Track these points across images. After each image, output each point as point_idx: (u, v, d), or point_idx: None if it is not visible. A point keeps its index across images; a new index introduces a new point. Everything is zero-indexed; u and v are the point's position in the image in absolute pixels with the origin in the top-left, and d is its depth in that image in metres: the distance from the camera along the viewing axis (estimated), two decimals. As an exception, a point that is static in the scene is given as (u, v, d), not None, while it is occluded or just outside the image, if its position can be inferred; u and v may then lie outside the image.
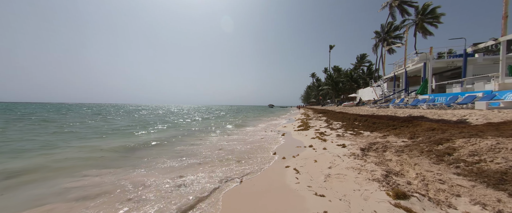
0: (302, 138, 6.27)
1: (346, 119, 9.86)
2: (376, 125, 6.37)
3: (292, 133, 7.66)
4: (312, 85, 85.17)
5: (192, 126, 11.60)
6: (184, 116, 21.66)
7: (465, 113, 6.86)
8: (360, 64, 51.07)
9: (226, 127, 11.33)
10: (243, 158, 4.08)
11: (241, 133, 8.54)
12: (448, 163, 2.50)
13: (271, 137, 7.01)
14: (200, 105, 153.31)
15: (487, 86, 9.72)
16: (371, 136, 5.25)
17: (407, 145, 3.64)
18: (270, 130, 9.15)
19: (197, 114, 27.00)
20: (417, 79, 20.15)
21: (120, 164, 3.70)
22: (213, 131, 9.37)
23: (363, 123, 7.43)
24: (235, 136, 7.43)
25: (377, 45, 37.17)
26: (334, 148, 4.32)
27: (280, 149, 4.76)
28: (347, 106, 28.04)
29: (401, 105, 13.34)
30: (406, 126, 5.41)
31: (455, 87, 12.34)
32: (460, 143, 3.07)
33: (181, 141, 6.32)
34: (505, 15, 8.91)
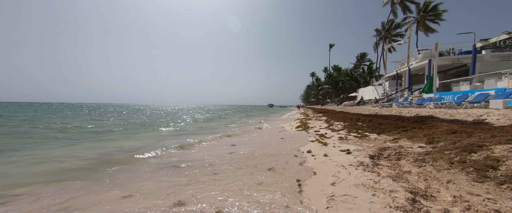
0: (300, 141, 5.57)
1: (348, 119, 9.17)
2: (383, 126, 5.68)
3: (292, 133, 6.96)
4: (312, 85, 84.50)
5: (175, 132, 10.90)
6: (175, 116, 20.94)
7: (481, 113, 6.17)
8: (360, 63, 50.40)
9: (216, 131, 10.64)
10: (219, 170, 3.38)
11: (233, 137, 7.85)
12: (498, 183, 1.80)
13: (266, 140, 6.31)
14: (199, 105, 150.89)
15: (500, 84, 9.03)
16: (379, 139, 4.56)
17: (428, 153, 2.95)
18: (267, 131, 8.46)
19: (188, 116, 26.24)
20: (420, 77, 19.48)
21: (82, 184, 2.91)
22: (196, 133, 8.67)
23: (367, 124, 6.74)
24: (226, 140, 6.74)
25: (378, 43, 36.49)
26: (337, 155, 3.63)
27: (274, 155, 4.07)
28: (347, 106, 27.36)
29: (405, 104, 12.65)
30: (418, 127, 4.72)
31: (463, 85, 11.66)
32: (501, 151, 2.38)
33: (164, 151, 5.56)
34: (520, 6, 8.24)
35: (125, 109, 37.99)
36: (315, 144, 4.88)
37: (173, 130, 9.36)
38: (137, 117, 17.03)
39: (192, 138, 6.96)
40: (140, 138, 6.89)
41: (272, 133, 7.62)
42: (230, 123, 13.39)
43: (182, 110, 43.07)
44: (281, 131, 8.11)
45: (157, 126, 10.62)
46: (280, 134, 7.08)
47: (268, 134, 7.44)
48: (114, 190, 2.49)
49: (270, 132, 8.22)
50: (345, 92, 47.59)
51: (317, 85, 66.18)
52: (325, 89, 52.02)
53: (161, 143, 6.08)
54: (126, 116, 18.23)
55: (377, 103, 19.44)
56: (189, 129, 9.83)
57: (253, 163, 3.53)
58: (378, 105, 16.19)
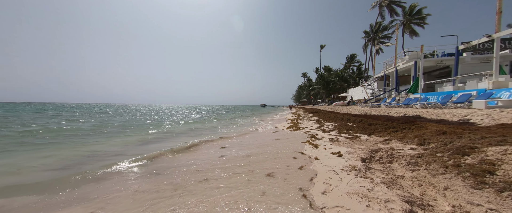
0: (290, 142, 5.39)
1: (339, 119, 9.15)
2: (373, 127, 5.63)
3: (284, 133, 6.77)
4: (304, 85, 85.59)
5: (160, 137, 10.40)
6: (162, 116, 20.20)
7: (466, 113, 6.33)
8: (350, 64, 51.68)
9: (207, 132, 10.27)
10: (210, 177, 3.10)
11: (225, 139, 7.55)
12: (498, 190, 1.68)
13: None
14: (190, 105, 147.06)
15: (481, 85, 9.42)
16: (370, 140, 4.47)
17: (421, 155, 2.85)
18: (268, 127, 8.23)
19: (180, 116, 25.46)
20: (407, 78, 20.16)
21: (35, 198, 2.44)
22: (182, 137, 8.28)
23: (358, 124, 6.70)
24: (218, 142, 6.43)
25: (367, 45, 37.55)
26: (328, 158, 3.46)
27: (263, 159, 3.84)
28: (338, 106, 27.82)
29: (393, 104, 12.95)
30: (408, 128, 4.69)
31: (447, 86, 12.11)
32: (495, 153, 2.30)
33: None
34: (499, 11, 8.61)
35: (118, 109, 36.22)
36: (305, 145, 4.72)
37: (160, 132, 8.88)
38: (124, 118, 16.18)
39: (179, 141, 6.58)
40: (118, 142, 6.32)
41: (267, 134, 7.42)
42: (223, 124, 13.03)
43: (177, 110, 41.81)
44: (275, 131, 7.93)
45: (143, 128, 10.06)
46: (274, 135, 6.89)
47: (262, 135, 7.22)
48: (74, 206, 2.14)
49: (264, 132, 8.01)
50: (335, 92, 48.56)
51: (309, 86, 67.06)
52: (316, 89, 52.79)
53: (143, 147, 5.66)
54: (113, 117, 17.27)
55: (366, 103, 19.87)
56: (177, 131, 9.38)
57: (249, 168, 3.27)
58: (367, 105, 16.52)
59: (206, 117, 20.60)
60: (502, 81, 8.70)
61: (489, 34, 9.07)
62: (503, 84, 8.63)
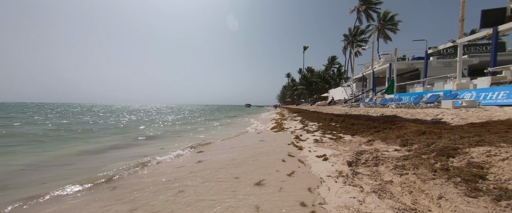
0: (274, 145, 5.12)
1: (322, 119, 9.20)
2: (355, 127, 5.63)
3: (266, 134, 6.49)
4: (288, 85, 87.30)
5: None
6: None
7: (437, 112, 6.71)
8: (331, 65, 53.89)
9: (188, 134, 9.59)
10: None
11: (205, 139, 7.02)
12: (494, 198, 1.54)
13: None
14: (173, 105, 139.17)
15: (446, 86, 10.26)
16: (354, 141, 4.39)
17: (406, 157, 2.75)
18: (250, 130, 7.85)
19: (161, 116, 23.88)
20: (382, 79, 21.49)
21: None
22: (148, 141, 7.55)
23: (340, 124, 6.71)
24: (196, 145, 5.88)
25: (346, 48, 39.45)
26: (314, 162, 3.23)
27: (244, 165, 3.48)
28: (320, 106, 28.68)
29: (371, 104, 13.55)
30: (389, 128, 4.73)
31: (417, 87, 13.06)
32: (479, 155, 2.24)
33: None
34: (462, 18, 9.45)
35: (92, 109, 32.52)
36: (290, 147, 4.47)
37: (132, 135, 7.98)
38: (97, 120, 14.46)
39: (152, 145, 5.90)
40: (70, 152, 5.21)
41: (251, 135, 7.06)
42: (206, 125, 12.35)
43: (160, 110, 39.09)
44: (259, 132, 7.61)
45: (110, 132, 8.98)
46: (259, 136, 6.56)
47: (247, 137, 6.84)
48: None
49: (248, 134, 7.65)
50: (317, 92, 50.24)
51: (293, 86, 68.51)
52: (299, 89, 54.06)
53: (105, 155, 4.90)
54: (83, 119, 15.35)
55: (346, 103, 20.71)
56: (152, 134, 8.54)
57: (233, 174, 2.88)
58: (348, 105, 17.17)
59: (188, 117, 19.55)
60: (464, 83, 9.55)
61: (453, 40, 9.92)
62: (465, 85, 9.48)
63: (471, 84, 9.47)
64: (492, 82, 7.91)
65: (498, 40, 8.21)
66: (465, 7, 9.29)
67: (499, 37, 7.93)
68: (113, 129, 9.87)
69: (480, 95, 8.07)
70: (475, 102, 7.25)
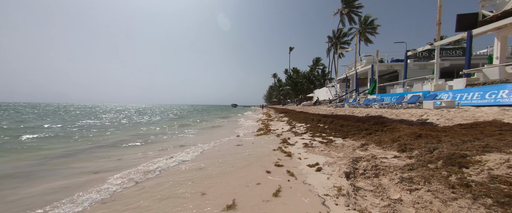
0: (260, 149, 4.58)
1: (309, 120, 8.91)
2: (345, 129, 5.33)
3: (249, 140, 5.92)
4: (274, 85, 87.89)
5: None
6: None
7: (421, 113, 6.75)
8: (315, 66, 55.24)
9: (158, 139, 8.65)
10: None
11: (171, 144, 6.22)
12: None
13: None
14: (156, 104, 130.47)
15: (425, 87, 10.67)
16: (346, 145, 4.02)
17: (411, 167, 2.38)
18: (231, 133, 7.18)
19: (135, 117, 22.04)
20: (364, 80, 22.26)
21: None
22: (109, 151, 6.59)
23: (329, 126, 6.41)
24: (162, 150, 5.09)
25: (330, 49, 40.59)
26: (306, 174, 2.75)
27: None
28: (306, 106, 28.99)
29: (355, 105, 13.75)
30: (381, 130, 4.47)
31: (398, 88, 13.55)
32: (498, 166, 1.92)
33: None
34: (439, 22, 9.86)
35: (68, 109, 28.65)
36: (278, 154, 3.97)
37: (91, 140, 6.84)
38: (55, 121, 12.56)
39: (107, 153, 4.96)
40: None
41: (231, 140, 6.42)
42: (181, 128, 11.38)
43: (140, 110, 36.05)
44: (244, 135, 7.00)
45: (75, 136, 7.69)
46: (239, 140, 5.94)
47: (227, 141, 6.18)
48: None
49: (229, 137, 6.99)
50: (303, 92, 51.12)
51: (279, 86, 68.99)
52: (285, 90, 54.55)
53: (45, 166, 3.92)
54: (38, 120, 13.25)
55: (331, 103, 21.05)
56: (112, 139, 7.46)
57: (200, 188, 2.25)
58: (333, 105, 17.36)
59: (166, 118, 18.20)
60: (441, 84, 9.98)
61: (431, 43, 10.34)
62: (442, 87, 9.90)
63: (447, 85, 9.94)
64: (467, 83, 8.28)
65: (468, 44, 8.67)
66: (441, 12, 9.70)
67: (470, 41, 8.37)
68: (74, 131, 8.51)
69: (456, 96, 8.41)
70: (454, 103, 7.48)
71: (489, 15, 8.28)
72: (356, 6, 32.96)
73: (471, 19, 8.66)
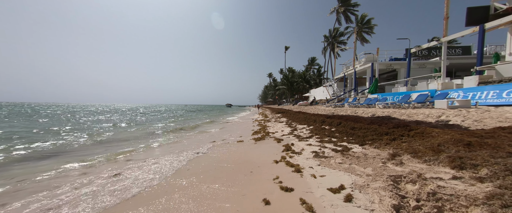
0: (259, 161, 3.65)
1: (311, 121, 8.07)
2: (359, 132, 4.49)
3: (245, 147, 4.97)
4: (269, 85, 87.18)
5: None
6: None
7: (437, 113, 6.03)
8: (311, 66, 54.92)
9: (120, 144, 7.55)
10: None
11: (172, 148, 5.19)
12: None
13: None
14: (153, 104, 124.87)
15: (431, 86, 10.08)
16: (370, 155, 3.16)
17: (504, 204, 1.52)
18: (214, 140, 6.18)
19: (120, 118, 20.55)
20: (363, 80, 21.77)
21: None
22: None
23: (337, 128, 5.56)
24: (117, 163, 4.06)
25: (326, 49, 40.20)
26: (331, 206, 1.85)
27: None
28: (302, 105, 28.31)
29: (357, 104, 13.07)
30: (406, 134, 3.65)
31: (400, 87, 12.98)
32: None
33: None
34: (447, 16, 9.28)
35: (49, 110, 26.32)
36: (281, 168, 3.06)
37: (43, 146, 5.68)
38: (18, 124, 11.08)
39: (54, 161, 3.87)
40: None
41: (221, 147, 5.43)
42: (162, 132, 10.26)
43: (128, 110, 34.01)
44: (239, 140, 6.01)
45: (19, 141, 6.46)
46: (230, 148, 4.98)
47: (216, 148, 5.20)
48: None
49: (218, 143, 6.00)
50: (299, 92, 50.64)
51: (274, 86, 68.33)
52: (281, 89, 53.92)
53: None
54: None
55: (329, 103, 20.41)
56: (67, 147, 6.31)
57: None
58: (331, 105, 16.69)
59: (149, 120, 16.92)
60: (448, 83, 9.41)
61: (438, 38, 9.75)
62: (449, 85, 9.32)
63: (454, 84, 9.37)
64: (479, 81, 7.69)
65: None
66: (449, 5, 9.12)
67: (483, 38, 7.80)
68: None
69: (468, 95, 7.80)
70: (469, 102, 6.83)
71: (502, 8, 7.73)
72: (352, 5, 32.62)
73: (483, 12, 8.08)
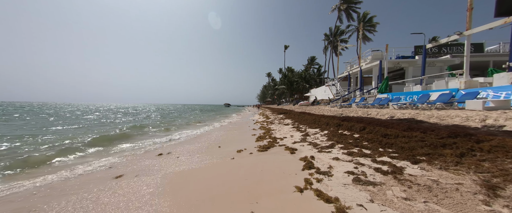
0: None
1: (323, 124, 7.05)
2: (397, 142, 3.46)
3: (247, 161, 3.90)
4: (268, 85, 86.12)
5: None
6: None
7: (480, 116, 5.04)
8: (311, 66, 54.04)
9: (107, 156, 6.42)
10: None
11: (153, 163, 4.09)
12: None
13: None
14: (146, 104, 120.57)
15: (451, 84, 9.14)
16: (445, 184, 2.13)
17: None
18: (203, 147, 5.09)
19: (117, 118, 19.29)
20: (368, 79, 20.86)
21: None
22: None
23: (361, 134, 4.54)
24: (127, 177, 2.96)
25: (327, 47, 39.32)
26: None
27: None
28: (303, 105, 27.33)
29: (367, 105, 12.10)
30: (477, 148, 2.62)
31: (412, 86, 12.06)
32: None
33: None
34: (470, 7, 8.33)
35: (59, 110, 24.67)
36: (310, 202, 2.01)
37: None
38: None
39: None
40: None
41: (213, 164, 4.35)
42: (142, 137, 9.10)
43: (140, 109, 32.42)
44: (239, 151, 4.91)
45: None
46: (226, 164, 3.91)
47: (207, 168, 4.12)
48: None
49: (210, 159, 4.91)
50: (298, 92, 49.72)
51: (274, 85, 67.31)
52: (281, 89, 52.93)
53: None
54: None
55: (333, 103, 19.46)
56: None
57: None
58: (336, 105, 15.71)
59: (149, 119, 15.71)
60: (472, 81, 8.48)
61: (460, 32, 8.81)
62: (473, 84, 8.39)
63: (478, 83, 8.45)
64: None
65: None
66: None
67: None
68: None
69: (499, 94, 6.87)
70: (509, 103, 5.88)
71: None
72: (354, 2, 31.76)
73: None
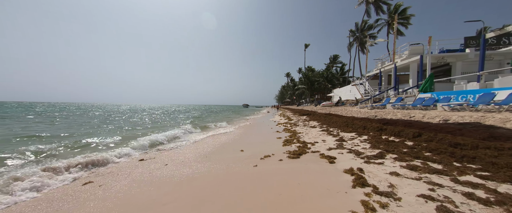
0: None
1: (358, 127, 6.15)
2: (485, 156, 2.56)
3: (277, 170, 3.33)
4: (287, 85, 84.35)
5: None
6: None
7: None
8: (333, 65, 51.20)
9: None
10: None
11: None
12: None
13: None
14: (167, 104, 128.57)
15: (525, 81, 7.34)
16: None
17: None
18: (222, 153, 4.66)
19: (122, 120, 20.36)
20: (404, 76, 18.61)
21: None
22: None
23: (418, 142, 3.64)
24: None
25: (352, 44, 36.70)
26: None
27: None
28: (326, 106, 25.73)
29: (406, 106, 10.57)
30: None
31: (466, 84, 10.14)
32: None
33: None
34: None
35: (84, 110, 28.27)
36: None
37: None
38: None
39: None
40: None
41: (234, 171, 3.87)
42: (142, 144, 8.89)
43: (140, 110, 34.82)
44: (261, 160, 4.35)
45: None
46: (248, 172, 3.38)
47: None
48: None
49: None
50: (319, 92, 47.45)
51: (293, 86, 65.61)
52: (300, 89, 51.23)
53: None
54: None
55: (361, 103, 17.77)
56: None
57: None
58: (367, 106, 14.19)
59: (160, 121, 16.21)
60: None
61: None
62: (561, 79, 6.56)
63: None
64: None
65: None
66: None
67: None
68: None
69: None
70: None
71: None
72: (385, -7, 28.93)
73: None
